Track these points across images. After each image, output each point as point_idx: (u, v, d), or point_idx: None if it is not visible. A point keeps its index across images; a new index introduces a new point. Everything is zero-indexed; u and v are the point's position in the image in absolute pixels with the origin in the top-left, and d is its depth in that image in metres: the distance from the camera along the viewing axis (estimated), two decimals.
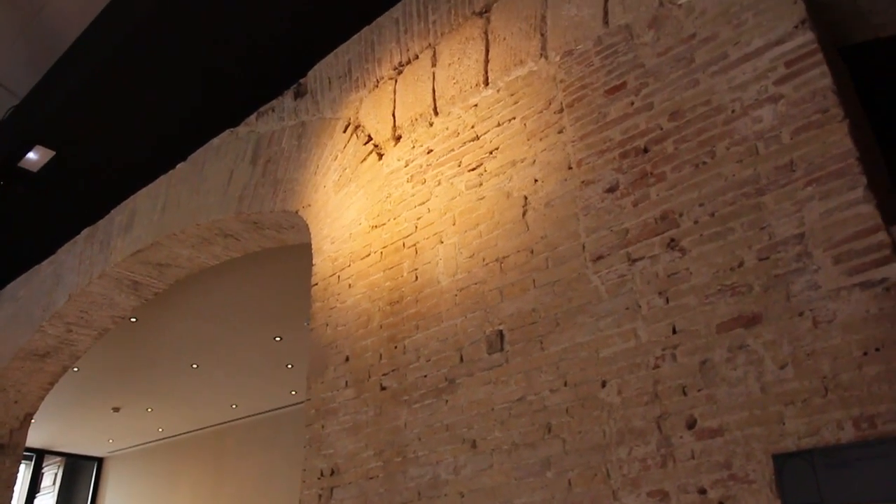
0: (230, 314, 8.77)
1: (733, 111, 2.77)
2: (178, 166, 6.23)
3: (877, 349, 2.18)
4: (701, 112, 2.86)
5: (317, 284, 4.39)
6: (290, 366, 10.51)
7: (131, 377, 10.97)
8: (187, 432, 14.37)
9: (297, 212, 4.80)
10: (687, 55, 3.01)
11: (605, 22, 3.38)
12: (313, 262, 4.50)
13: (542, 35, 3.65)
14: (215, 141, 5.91)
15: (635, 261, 2.85)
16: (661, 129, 2.97)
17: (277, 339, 9.51)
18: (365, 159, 4.39)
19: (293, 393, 11.72)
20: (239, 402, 12.49)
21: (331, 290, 4.25)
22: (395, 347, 3.66)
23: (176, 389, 11.66)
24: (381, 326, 3.80)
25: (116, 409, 12.64)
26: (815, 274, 2.37)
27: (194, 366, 10.55)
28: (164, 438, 14.85)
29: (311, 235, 4.62)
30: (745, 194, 2.62)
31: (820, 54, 2.60)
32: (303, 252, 5.19)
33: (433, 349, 3.47)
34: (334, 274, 4.27)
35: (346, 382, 3.86)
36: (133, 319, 8.56)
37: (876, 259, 2.27)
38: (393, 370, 3.63)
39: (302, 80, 5.25)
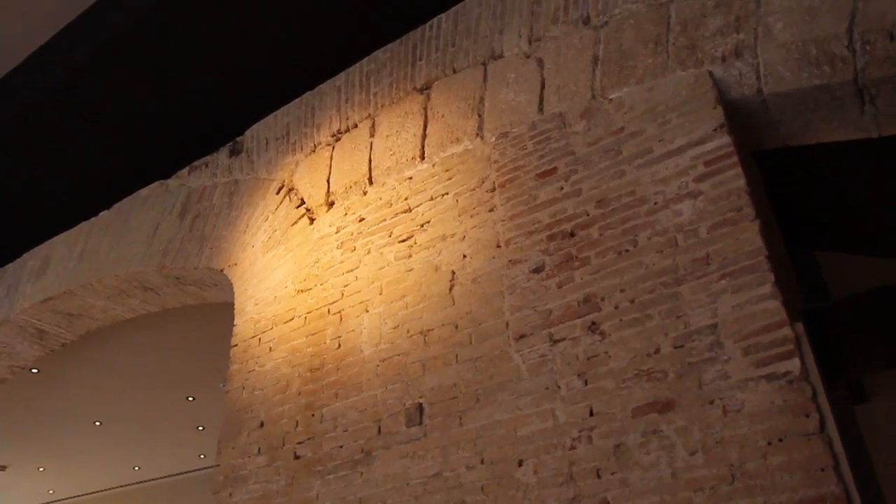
0: (142, 370, 8.41)
1: (656, 203, 2.90)
2: (102, 214, 6.05)
3: (780, 440, 2.27)
4: (626, 202, 2.99)
5: (236, 346, 4.28)
6: (201, 428, 10.09)
7: (24, 432, 10.27)
8: (82, 495, 13.50)
9: (222, 270, 4.71)
10: (615, 147, 3.16)
11: (540, 109, 3.53)
12: (235, 323, 4.40)
13: (480, 116, 3.78)
14: (144, 191, 5.79)
15: (557, 342, 2.90)
16: (588, 215, 3.08)
17: (190, 398, 9.15)
18: (296, 222, 4.38)
19: (202, 457, 11.22)
20: (143, 463, 11.85)
21: (250, 353, 4.15)
22: (313, 415, 3.58)
23: (74, 447, 10.99)
24: (299, 393, 3.72)
25: (2, 468, 11.79)
26: (726, 364, 2.47)
27: (97, 423, 10.00)
28: (54, 501, 13.87)
29: (235, 295, 4.53)
30: (664, 283, 2.73)
31: (736, 157, 2.78)
32: (224, 311, 5.07)
33: (351, 419, 3.41)
34: (255, 336, 4.18)
35: (259, 449, 3.74)
36: (34, 370, 8.10)
37: (781, 353, 2.39)
38: (308, 439, 3.54)
39: (239, 139, 5.24)
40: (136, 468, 12.07)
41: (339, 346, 3.68)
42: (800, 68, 2.82)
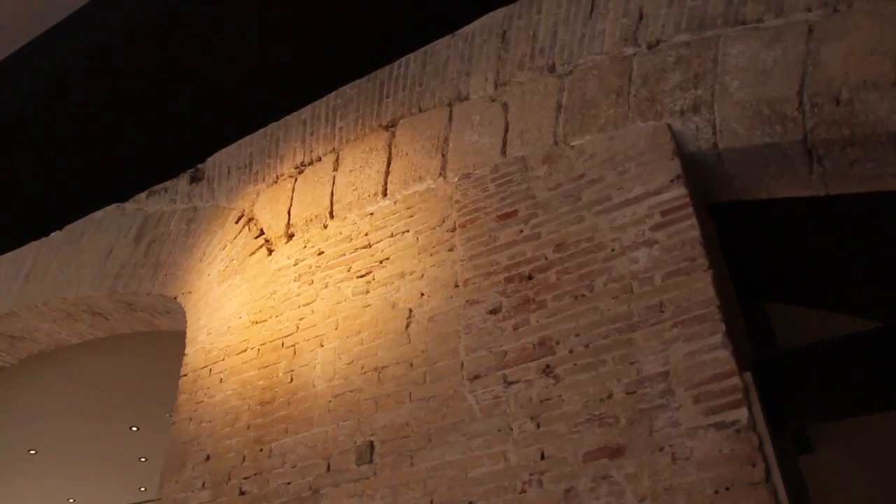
0: (85, 397, 8.11)
1: (613, 250, 2.96)
2: (53, 235, 5.90)
3: (727, 488, 2.30)
4: (584, 247, 3.04)
5: (186, 375, 4.19)
6: (143, 459, 9.76)
7: None
8: None
9: (175, 297, 4.63)
10: (575, 193, 3.22)
11: (504, 152, 3.59)
12: (185, 352, 4.31)
13: (444, 156, 3.82)
14: (98, 214, 5.67)
15: (511, 383, 2.91)
16: (546, 258, 3.12)
17: (134, 428, 8.87)
18: (254, 253, 4.34)
19: (142, 489, 10.83)
20: (78, 495, 11.38)
21: (200, 383, 4.06)
22: (261, 450, 3.51)
23: (4, 477, 10.50)
24: (248, 426, 3.64)
25: None
26: (677, 411, 2.50)
27: (32, 451, 9.60)
28: None
29: (188, 324, 4.45)
30: (618, 329, 2.76)
31: (691, 208, 2.86)
32: (175, 340, 4.97)
33: (300, 455, 3.35)
34: (206, 366, 4.10)
35: (204, 483, 3.63)
36: None
37: (730, 402, 2.43)
38: (255, 474, 3.46)
39: (200, 165, 5.19)
40: (71, 501, 11.59)
41: (292, 379, 3.62)
42: (753, 126, 2.93)
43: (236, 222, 4.61)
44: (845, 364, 2.54)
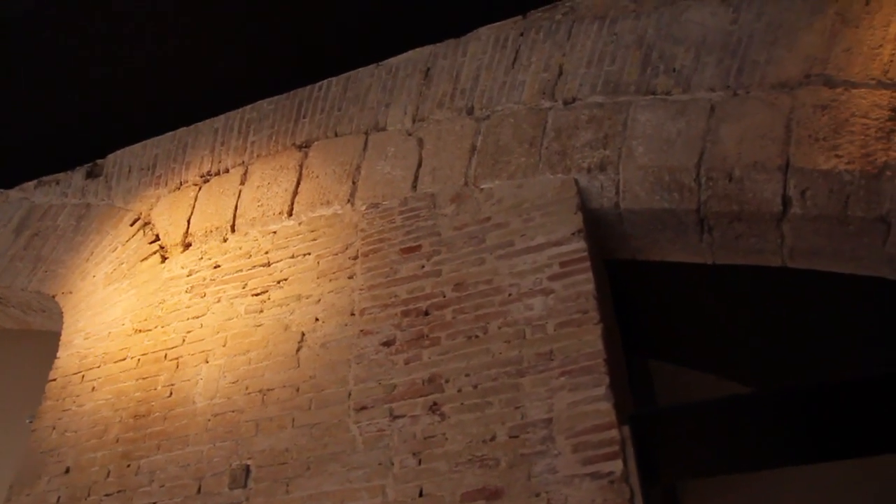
0: None
1: (510, 295, 3.02)
2: None
3: None
4: (482, 289, 3.09)
5: (55, 380, 3.93)
6: None
7: None
8: None
9: (54, 296, 4.37)
10: (479, 235, 3.27)
11: (414, 186, 3.61)
12: (57, 355, 4.05)
13: (354, 183, 3.81)
14: None
15: (397, 417, 2.89)
16: (444, 296, 3.15)
17: None
18: (147, 258, 4.16)
19: None
20: None
21: (70, 390, 3.82)
22: (128, 466, 3.33)
23: None
24: (117, 440, 3.45)
25: None
26: (556, 458, 2.55)
27: None
28: None
29: (64, 325, 4.20)
30: (508, 373, 2.81)
31: (588, 262, 2.96)
32: (47, 340, 4.67)
33: (170, 474, 3.20)
34: (79, 372, 3.87)
35: (59, 498, 3.40)
36: None
37: (607, 453, 2.50)
38: (119, 491, 3.27)
39: (99, 161, 4.95)
40: None
41: (171, 394, 3.47)
42: (653, 190, 3.08)
43: (131, 225, 4.42)
44: (718, 424, 2.67)
